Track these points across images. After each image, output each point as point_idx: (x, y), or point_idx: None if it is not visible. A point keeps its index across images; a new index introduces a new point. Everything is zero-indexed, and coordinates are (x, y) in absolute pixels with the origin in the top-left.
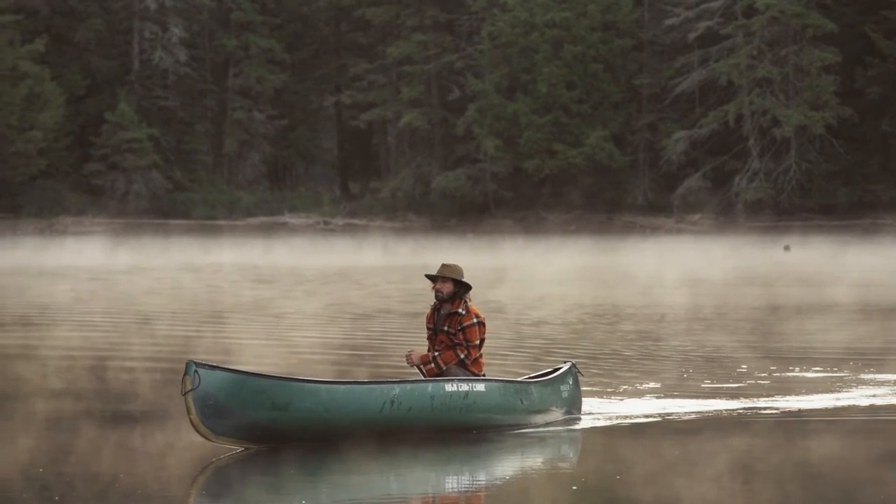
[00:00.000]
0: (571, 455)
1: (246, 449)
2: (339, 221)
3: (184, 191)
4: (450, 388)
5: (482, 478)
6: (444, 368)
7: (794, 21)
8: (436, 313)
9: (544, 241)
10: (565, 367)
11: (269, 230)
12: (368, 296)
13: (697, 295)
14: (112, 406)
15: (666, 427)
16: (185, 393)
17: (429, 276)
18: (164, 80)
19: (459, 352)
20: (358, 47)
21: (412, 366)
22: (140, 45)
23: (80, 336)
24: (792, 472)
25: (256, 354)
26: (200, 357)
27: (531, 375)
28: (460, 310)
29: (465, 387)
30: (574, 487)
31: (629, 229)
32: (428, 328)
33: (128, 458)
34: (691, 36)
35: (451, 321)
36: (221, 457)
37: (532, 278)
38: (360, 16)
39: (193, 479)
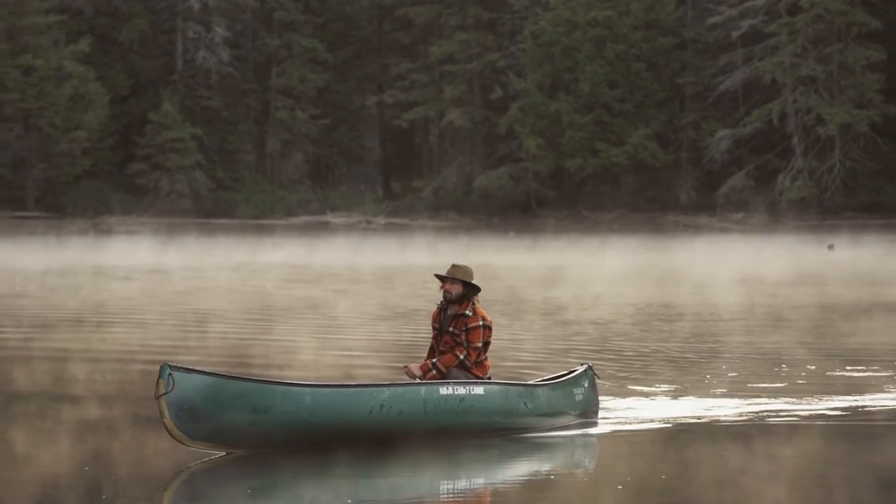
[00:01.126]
0: (587, 461)
1: (228, 454)
2: (381, 221)
3: (227, 190)
4: (445, 391)
5: (482, 483)
6: (446, 372)
7: (839, 19)
8: (442, 313)
9: (588, 240)
10: (580, 369)
11: (311, 230)
12: (420, 296)
13: (751, 294)
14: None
15: (712, 430)
16: (159, 397)
17: (438, 276)
18: (207, 79)
19: (459, 352)
20: (400, 46)
21: (414, 379)
22: (184, 44)
23: (137, 336)
24: (853, 478)
25: (314, 354)
26: (256, 358)
27: (545, 378)
28: (467, 311)
29: (461, 390)
30: (593, 492)
31: (672, 228)
32: (434, 328)
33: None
34: (735, 34)
35: (457, 322)
36: (203, 460)
37: (586, 278)
38: (402, 15)
39: (166, 484)
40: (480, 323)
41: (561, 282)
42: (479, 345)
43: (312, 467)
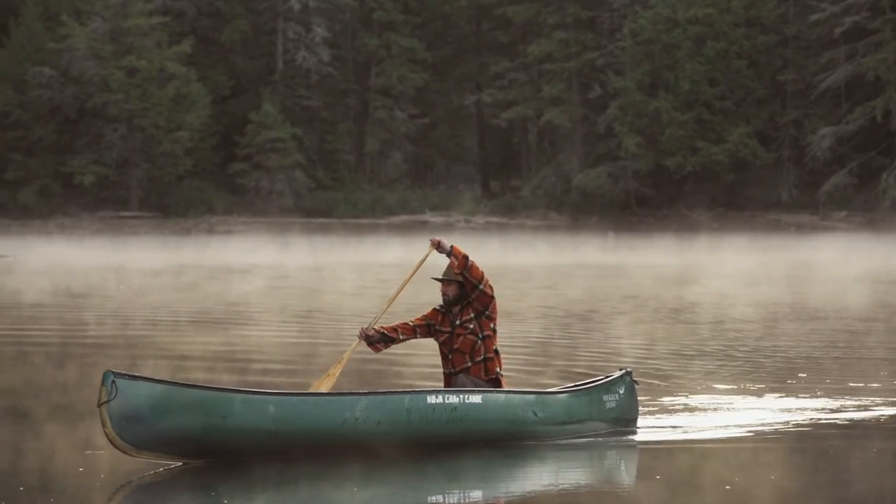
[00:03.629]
0: (623, 471)
1: (185, 464)
2: (480, 220)
3: (326, 190)
4: (433, 399)
5: (498, 493)
6: (466, 260)
7: None
8: (447, 316)
9: (694, 238)
10: (615, 374)
11: (410, 229)
12: (547, 295)
13: (886, 294)
14: None
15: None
16: (100, 405)
17: (436, 279)
18: (307, 79)
19: (484, 277)
20: (499, 45)
21: (438, 249)
22: (284, 45)
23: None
24: None
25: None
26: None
27: (580, 383)
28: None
29: (453, 399)
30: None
31: (773, 227)
32: (444, 331)
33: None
34: (837, 31)
35: (465, 310)
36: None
37: (713, 277)
38: (501, 14)
39: (110, 495)
40: (493, 295)
41: (690, 282)
42: (490, 294)
43: (306, 476)
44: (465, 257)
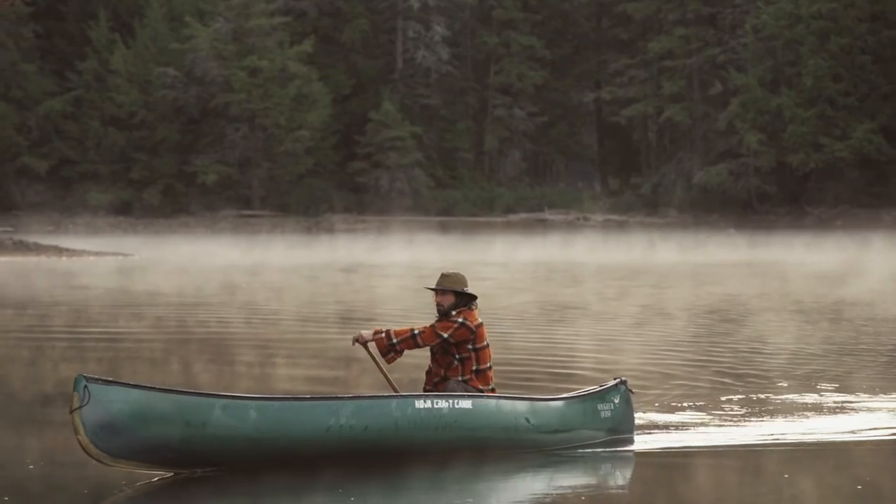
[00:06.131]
0: (620, 481)
1: (176, 474)
2: (599, 218)
3: (445, 188)
4: (421, 404)
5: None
6: (396, 341)
7: None
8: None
9: (826, 236)
10: (610, 383)
11: (528, 227)
12: (701, 294)
13: None
14: None
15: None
16: (72, 411)
17: (430, 289)
18: (426, 78)
19: (416, 328)
20: (618, 42)
21: (362, 343)
22: (404, 44)
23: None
24: None
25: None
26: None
27: (577, 392)
28: (453, 313)
29: (442, 404)
30: None
31: None
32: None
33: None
34: None
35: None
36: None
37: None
38: (620, 11)
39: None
40: (459, 320)
41: (843, 280)
42: (444, 335)
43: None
44: (387, 339)
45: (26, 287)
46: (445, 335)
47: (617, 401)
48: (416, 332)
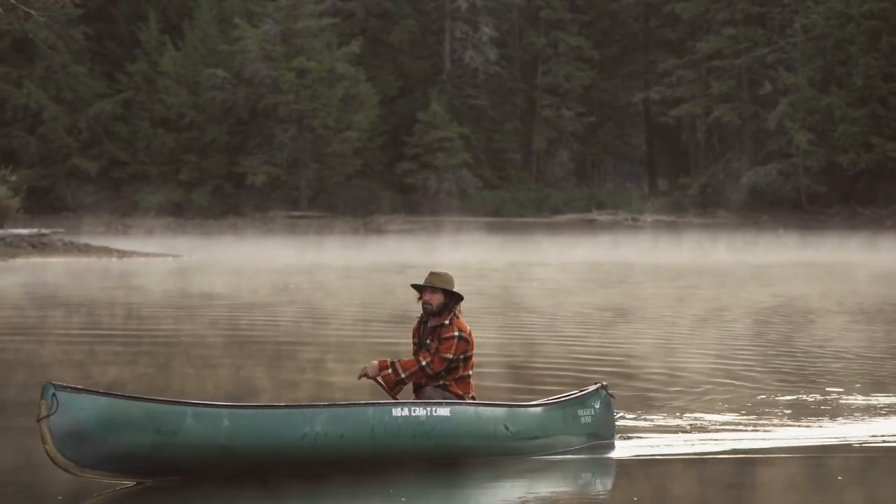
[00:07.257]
0: (599, 486)
1: (137, 483)
2: (647, 218)
3: (493, 188)
4: (399, 412)
5: None
6: (405, 376)
7: None
8: (422, 327)
9: (872, 237)
10: (590, 388)
11: (577, 227)
12: (750, 295)
13: None
14: None
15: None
16: (39, 420)
17: (415, 287)
18: (474, 79)
19: (422, 357)
20: (667, 43)
21: (370, 378)
22: (451, 44)
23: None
24: None
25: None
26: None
27: (554, 398)
28: (445, 322)
29: (420, 411)
30: None
31: None
32: (413, 343)
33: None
34: None
35: (434, 334)
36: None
37: None
38: (669, 11)
39: None
40: (456, 334)
41: None
42: (449, 356)
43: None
44: (395, 375)
45: (81, 287)
46: (451, 356)
47: (597, 406)
48: (424, 363)
